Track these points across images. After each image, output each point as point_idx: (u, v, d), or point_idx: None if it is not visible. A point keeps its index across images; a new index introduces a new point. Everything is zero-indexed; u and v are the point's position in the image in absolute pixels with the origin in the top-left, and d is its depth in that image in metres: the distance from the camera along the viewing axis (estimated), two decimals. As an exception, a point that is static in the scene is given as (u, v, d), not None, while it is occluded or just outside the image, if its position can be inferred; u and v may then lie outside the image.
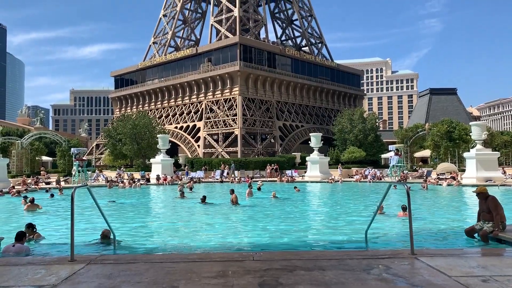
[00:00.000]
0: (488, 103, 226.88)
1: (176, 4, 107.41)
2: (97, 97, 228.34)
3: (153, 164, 48.29)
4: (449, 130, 55.82)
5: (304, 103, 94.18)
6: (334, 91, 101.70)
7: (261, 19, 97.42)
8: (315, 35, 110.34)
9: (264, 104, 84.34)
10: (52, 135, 61.78)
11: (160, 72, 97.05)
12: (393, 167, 47.13)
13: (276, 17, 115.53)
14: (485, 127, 40.73)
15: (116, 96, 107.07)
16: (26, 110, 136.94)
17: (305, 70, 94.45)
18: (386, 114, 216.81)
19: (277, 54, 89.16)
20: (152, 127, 61.82)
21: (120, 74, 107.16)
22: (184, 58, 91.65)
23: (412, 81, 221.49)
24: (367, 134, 64.56)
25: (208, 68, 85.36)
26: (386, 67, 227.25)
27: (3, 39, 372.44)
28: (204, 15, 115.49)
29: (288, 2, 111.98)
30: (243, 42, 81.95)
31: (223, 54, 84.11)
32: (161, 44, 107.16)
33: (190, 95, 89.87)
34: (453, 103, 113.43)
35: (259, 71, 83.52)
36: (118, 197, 28.16)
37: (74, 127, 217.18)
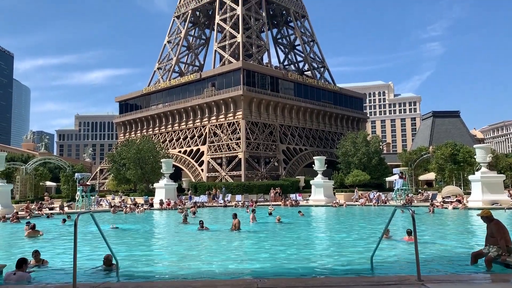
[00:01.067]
0: (492, 125, 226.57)
1: (181, 31, 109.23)
2: (101, 122, 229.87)
3: (157, 188, 48.18)
4: (453, 152, 55.63)
5: (307, 127, 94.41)
6: (337, 114, 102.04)
7: (264, 45, 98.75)
8: (317, 60, 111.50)
9: (267, 128, 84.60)
10: (56, 161, 62.00)
11: (164, 97, 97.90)
12: (398, 190, 46.80)
13: (278, 42, 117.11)
14: (490, 150, 40.58)
15: (120, 121, 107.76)
16: (31, 135, 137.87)
17: (308, 94, 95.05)
18: (389, 137, 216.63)
19: (280, 78, 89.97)
20: (156, 152, 61.98)
21: (124, 99, 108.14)
22: (188, 83, 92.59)
23: (415, 104, 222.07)
24: (371, 157, 64.42)
25: (211, 92, 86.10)
26: (388, 90, 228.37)
27: (10, 66, 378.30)
28: (208, 41, 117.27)
29: (290, 28, 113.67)
30: (246, 67, 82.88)
31: (227, 79, 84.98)
32: (166, 70, 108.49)
33: (194, 119, 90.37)
34: (456, 125, 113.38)
35: (262, 95, 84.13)
36: (122, 223, 28.01)
37: (79, 152, 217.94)
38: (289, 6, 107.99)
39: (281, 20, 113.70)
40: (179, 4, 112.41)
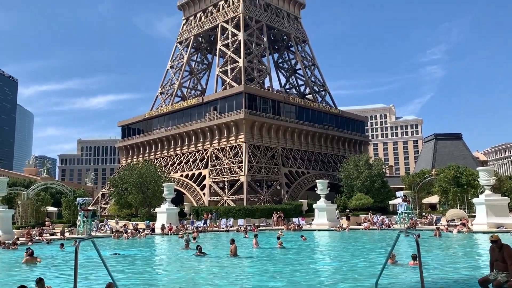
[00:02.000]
0: (494, 147, 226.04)
1: (183, 56, 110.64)
2: (104, 147, 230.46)
3: (158, 213, 47.82)
4: (456, 175, 55.27)
5: (309, 150, 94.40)
6: (339, 137, 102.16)
7: (265, 69, 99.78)
8: (318, 83, 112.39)
9: (269, 151, 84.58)
10: (58, 185, 61.84)
11: (166, 121, 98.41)
12: (401, 213, 46.32)
13: (279, 66, 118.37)
14: (493, 172, 40.33)
15: (122, 146, 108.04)
16: (34, 160, 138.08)
17: (310, 117, 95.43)
18: (392, 160, 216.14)
19: (281, 102, 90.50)
20: (158, 176, 61.83)
21: (127, 124, 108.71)
22: (190, 107, 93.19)
23: (417, 126, 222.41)
24: (374, 180, 64.08)
25: (213, 116, 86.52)
26: (390, 113, 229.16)
27: (14, 91, 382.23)
28: (210, 66, 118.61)
29: (291, 53, 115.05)
30: (248, 91, 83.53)
31: (229, 103, 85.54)
32: (168, 94, 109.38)
33: (196, 143, 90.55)
34: (459, 148, 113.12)
35: (264, 119, 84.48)
36: (123, 249, 27.68)
37: (81, 177, 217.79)
38: (290, 32, 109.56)
39: (282, 45, 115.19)
40: (181, 30, 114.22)
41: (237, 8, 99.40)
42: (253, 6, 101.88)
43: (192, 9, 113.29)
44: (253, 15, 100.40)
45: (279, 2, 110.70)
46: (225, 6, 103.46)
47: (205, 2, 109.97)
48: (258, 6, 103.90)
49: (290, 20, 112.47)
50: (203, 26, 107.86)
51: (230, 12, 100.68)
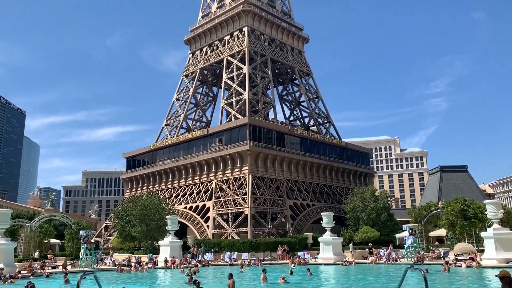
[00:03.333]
0: (501, 180, 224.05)
1: (189, 88, 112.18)
2: (108, 178, 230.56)
3: (162, 246, 47.28)
4: (463, 208, 54.62)
5: (314, 182, 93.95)
6: (344, 169, 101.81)
7: (269, 101, 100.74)
8: (323, 115, 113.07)
9: (274, 183, 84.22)
10: (61, 217, 61.57)
11: (171, 152, 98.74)
12: (408, 247, 45.55)
13: (284, 99, 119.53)
14: (500, 206, 39.80)
15: (127, 177, 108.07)
16: (38, 192, 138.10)
17: (314, 149, 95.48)
18: (397, 192, 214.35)
19: (285, 133, 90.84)
20: (162, 208, 61.53)
21: (132, 156, 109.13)
22: (195, 138, 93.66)
23: (422, 158, 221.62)
24: (380, 213, 63.41)
25: (218, 148, 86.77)
26: (394, 145, 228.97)
27: (21, 123, 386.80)
28: (215, 98, 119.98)
29: (295, 85, 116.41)
30: (253, 123, 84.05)
31: (233, 134, 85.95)
32: (173, 126, 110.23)
33: (200, 174, 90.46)
34: (465, 180, 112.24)
35: (268, 150, 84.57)
36: (126, 283, 27.23)
37: (85, 208, 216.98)
38: (294, 65, 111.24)
39: (286, 78, 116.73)
40: (187, 64, 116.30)
41: (242, 43, 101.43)
42: (257, 41, 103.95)
43: (198, 44, 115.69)
44: (258, 49, 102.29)
45: (283, 37, 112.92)
46: (230, 41, 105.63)
47: (211, 37, 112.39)
48: (263, 41, 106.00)
49: (294, 54, 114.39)
50: (209, 59, 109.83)
51: (236, 47, 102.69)
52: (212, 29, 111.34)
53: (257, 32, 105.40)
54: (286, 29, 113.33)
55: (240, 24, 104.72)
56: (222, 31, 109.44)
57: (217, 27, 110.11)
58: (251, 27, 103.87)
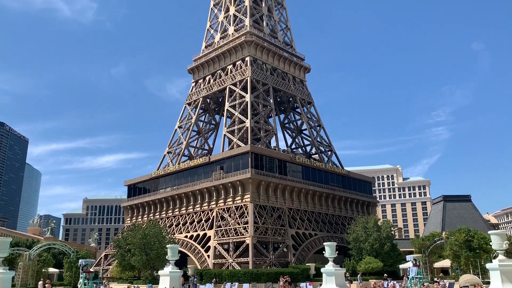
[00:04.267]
0: (505, 209, 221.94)
1: (192, 116, 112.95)
2: (109, 206, 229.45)
3: (161, 276, 46.34)
4: (467, 239, 53.93)
5: (316, 210, 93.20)
6: (346, 198, 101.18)
7: (271, 129, 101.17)
8: (324, 143, 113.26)
9: (276, 212, 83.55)
10: (60, 246, 60.92)
11: (173, 180, 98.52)
12: (412, 278, 44.73)
13: (286, 127, 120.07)
14: (505, 236, 39.21)
15: (128, 205, 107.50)
16: (38, 219, 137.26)
17: (316, 177, 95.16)
18: (400, 222, 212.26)
19: (287, 161, 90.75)
20: (162, 237, 60.92)
21: (133, 183, 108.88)
22: (197, 166, 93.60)
23: (425, 188, 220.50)
24: (383, 243, 62.63)
25: (220, 176, 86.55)
26: (397, 174, 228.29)
27: (24, 150, 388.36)
28: (217, 126, 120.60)
29: (297, 114, 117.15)
30: (255, 150, 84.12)
31: (235, 162, 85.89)
32: (175, 154, 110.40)
33: (201, 202, 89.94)
34: (468, 210, 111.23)
35: (270, 178, 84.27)
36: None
37: (84, 236, 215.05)
38: (296, 94, 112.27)
39: (288, 106, 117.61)
40: (190, 92, 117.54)
41: (244, 72, 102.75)
42: (260, 70, 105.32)
43: (201, 73, 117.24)
44: (260, 78, 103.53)
45: (285, 67, 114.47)
46: (233, 70, 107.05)
47: (214, 66, 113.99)
48: (265, 70, 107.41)
49: (296, 83, 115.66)
50: (211, 88, 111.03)
51: (238, 76, 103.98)
52: (215, 59, 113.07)
53: (259, 61, 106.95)
54: (288, 59, 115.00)
55: (242, 54, 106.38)
56: (225, 60, 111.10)
57: (220, 56, 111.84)
58: (253, 56, 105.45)
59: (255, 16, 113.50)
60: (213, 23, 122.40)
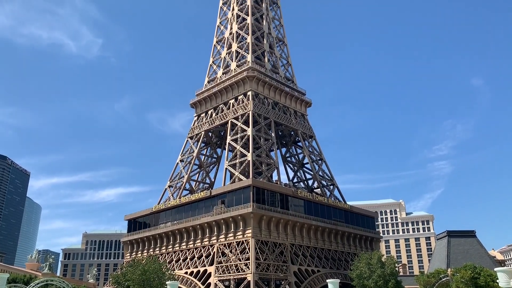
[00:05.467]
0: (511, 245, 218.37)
1: (193, 150, 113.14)
2: (109, 241, 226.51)
3: (160, 314, 45.29)
4: (473, 276, 52.71)
5: (319, 246, 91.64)
6: (349, 233, 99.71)
7: (273, 163, 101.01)
8: (326, 178, 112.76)
9: (277, 247, 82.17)
10: (58, 282, 59.62)
11: (173, 214, 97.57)
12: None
13: (287, 160, 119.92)
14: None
15: (128, 240, 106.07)
16: (36, 255, 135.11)
17: (318, 212, 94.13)
18: (404, 258, 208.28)
19: (289, 196, 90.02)
20: (162, 273, 59.74)
21: (133, 218, 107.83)
22: (198, 200, 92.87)
23: (428, 222, 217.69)
24: (387, 280, 61.21)
25: (221, 210, 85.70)
26: (400, 208, 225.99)
27: (25, 184, 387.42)
28: (219, 160, 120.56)
29: (299, 147, 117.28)
30: (256, 184, 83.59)
31: (237, 196, 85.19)
32: (176, 188, 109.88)
33: (202, 238, 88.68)
34: (473, 246, 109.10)
35: (272, 213, 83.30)
36: None
37: (83, 272, 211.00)
38: (297, 128, 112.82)
39: (290, 140, 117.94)
40: (193, 126, 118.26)
41: (246, 106, 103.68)
42: (261, 104, 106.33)
43: (204, 107, 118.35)
44: (261, 112, 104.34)
45: (286, 101, 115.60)
46: (235, 104, 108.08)
47: (216, 100, 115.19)
48: (267, 105, 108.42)
49: (297, 117, 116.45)
50: (213, 122, 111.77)
51: (240, 110, 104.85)
52: (218, 93, 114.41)
53: (261, 96, 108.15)
54: (289, 93, 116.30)
55: (245, 89, 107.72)
56: (227, 95, 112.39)
57: (223, 91, 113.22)
58: (255, 91, 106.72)
59: (257, 53, 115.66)
60: (216, 59, 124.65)
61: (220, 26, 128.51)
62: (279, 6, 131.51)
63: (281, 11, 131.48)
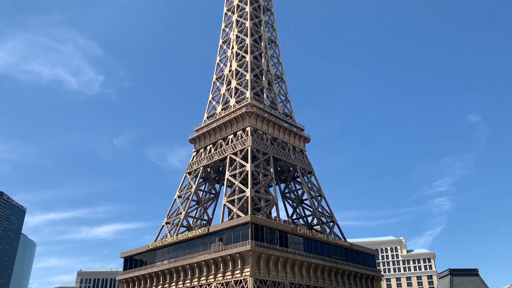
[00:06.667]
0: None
1: (191, 186, 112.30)
2: (104, 279, 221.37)
3: None
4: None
5: (319, 285, 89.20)
6: (349, 271, 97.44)
7: (272, 199, 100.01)
8: (326, 214, 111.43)
9: (277, 287, 79.97)
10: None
11: (170, 252, 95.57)
12: None
13: (286, 196, 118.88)
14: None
15: (123, 278, 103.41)
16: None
17: (318, 249, 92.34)
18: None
19: (288, 233, 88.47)
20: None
21: (129, 255, 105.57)
22: (195, 238, 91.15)
23: (430, 260, 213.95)
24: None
25: (219, 247, 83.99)
26: (400, 246, 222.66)
27: (20, 220, 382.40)
28: (217, 196, 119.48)
29: (298, 183, 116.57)
30: (255, 221, 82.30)
31: (235, 233, 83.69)
32: (174, 224, 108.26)
33: (199, 276, 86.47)
34: (476, 284, 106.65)
35: (271, 251, 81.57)
36: None
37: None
38: (296, 163, 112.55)
39: (289, 176, 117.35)
40: (191, 162, 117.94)
41: (245, 142, 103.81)
42: (260, 140, 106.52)
43: (202, 142, 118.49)
44: (260, 148, 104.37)
45: (285, 137, 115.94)
46: (234, 140, 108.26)
47: (215, 136, 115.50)
48: (265, 140, 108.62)
49: (296, 153, 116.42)
50: (212, 157, 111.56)
51: (239, 145, 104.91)
52: (217, 129, 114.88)
53: (260, 131, 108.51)
54: (288, 129, 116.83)
55: (243, 124, 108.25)
56: (226, 130, 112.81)
57: (222, 126, 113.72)
58: (254, 127, 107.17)
59: (255, 89, 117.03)
60: (215, 95, 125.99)
61: (219, 64, 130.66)
62: (277, 45, 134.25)
63: (279, 49, 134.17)
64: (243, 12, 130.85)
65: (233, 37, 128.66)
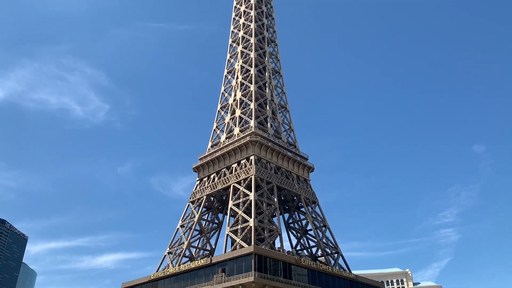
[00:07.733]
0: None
1: (194, 215, 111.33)
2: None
3: None
4: None
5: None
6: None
7: (275, 229, 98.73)
8: (331, 245, 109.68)
9: (280, 320, 77.88)
10: None
11: (172, 283, 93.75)
12: None
13: (290, 227, 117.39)
14: None
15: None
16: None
17: (323, 281, 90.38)
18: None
19: (292, 264, 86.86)
20: None
21: (130, 286, 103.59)
22: (198, 268, 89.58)
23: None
24: None
25: (221, 279, 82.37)
26: (406, 278, 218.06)
27: (22, 249, 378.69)
28: (220, 225, 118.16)
29: (302, 213, 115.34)
30: (258, 252, 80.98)
31: (238, 264, 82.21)
32: (176, 254, 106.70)
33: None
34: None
35: (274, 282, 79.81)
36: None
37: None
38: (300, 193, 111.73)
39: (293, 205, 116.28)
40: (195, 190, 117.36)
41: (249, 171, 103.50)
42: (264, 169, 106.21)
43: (206, 171, 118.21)
44: (264, 177, 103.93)
45: (289, 166, 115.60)
46: (237, 169, 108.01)
47: (219, 164, 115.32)
48: (269, 169, 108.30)
49: (300, 182, 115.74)
50: (216, 186, 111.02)
51: (242, 174, 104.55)
52: (221, 157, 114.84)
53: (263, 160, 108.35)
54: (292, 158, 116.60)
55: (247, 153, 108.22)
56: (230, 159, 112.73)
57: (226, 155, 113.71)
58: (258, 156, 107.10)
59: (259, 118, 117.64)
60: (219, 124, 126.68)
61: (224, 93, 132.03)
62: (281, 75, 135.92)
63: (283, 79, 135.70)
64: (248, 43, 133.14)
65: (238, 68, 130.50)
